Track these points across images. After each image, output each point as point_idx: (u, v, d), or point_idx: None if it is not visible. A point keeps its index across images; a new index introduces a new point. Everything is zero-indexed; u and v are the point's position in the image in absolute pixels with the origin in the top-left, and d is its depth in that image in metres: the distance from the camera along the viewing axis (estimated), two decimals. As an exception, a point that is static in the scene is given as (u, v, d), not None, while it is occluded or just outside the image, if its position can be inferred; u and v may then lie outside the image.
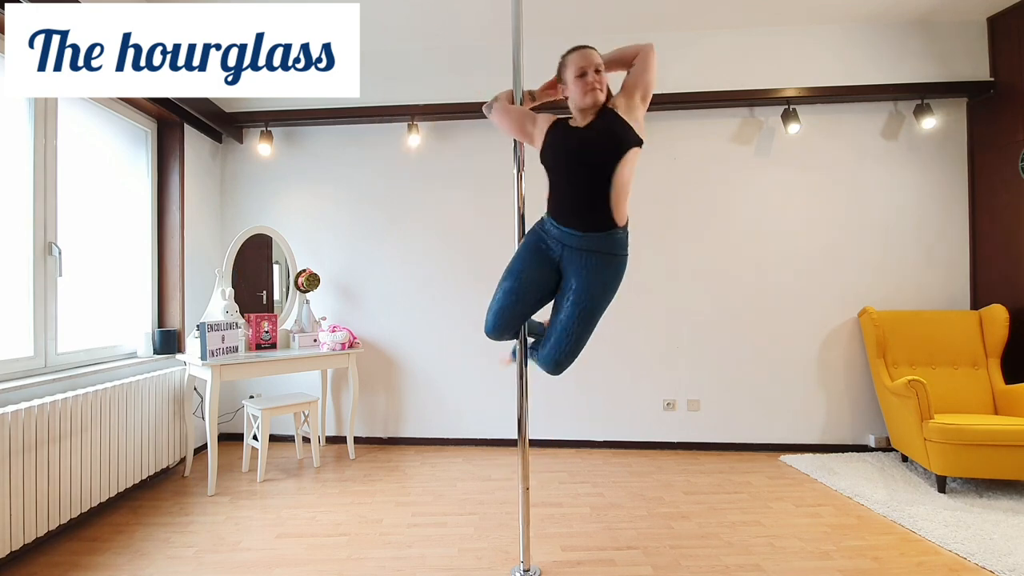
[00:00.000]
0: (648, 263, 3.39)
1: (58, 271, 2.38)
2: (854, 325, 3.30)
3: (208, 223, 3.47)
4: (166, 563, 2.00)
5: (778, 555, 2.02)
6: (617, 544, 2.12)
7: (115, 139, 2.89)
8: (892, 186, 3.30)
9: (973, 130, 3.25)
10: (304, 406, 3.02)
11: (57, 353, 2.40)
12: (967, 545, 2.05)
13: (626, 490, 2.70)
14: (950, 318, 3.10)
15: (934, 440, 2.55)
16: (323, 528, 2.28)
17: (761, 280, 3.35)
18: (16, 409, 1.92)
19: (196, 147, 3.32)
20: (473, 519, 2.37)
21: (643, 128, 1.67)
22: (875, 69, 3.26)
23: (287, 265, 3.44)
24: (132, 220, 3.01)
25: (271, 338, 3.16)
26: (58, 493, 2.09)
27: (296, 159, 3.58)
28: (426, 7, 3.05)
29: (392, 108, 3.38)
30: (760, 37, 3.32)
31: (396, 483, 2.82)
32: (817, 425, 3.31)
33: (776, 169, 3.35)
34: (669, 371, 3.39)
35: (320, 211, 3.57)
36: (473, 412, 3.48)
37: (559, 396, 3.40)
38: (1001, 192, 3.08)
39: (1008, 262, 3.04)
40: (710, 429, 3.36)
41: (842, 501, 2.53)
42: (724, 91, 3.25)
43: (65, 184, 2.47)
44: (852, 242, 3.31)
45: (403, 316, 3.52)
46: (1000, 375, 2.94)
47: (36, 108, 2.31)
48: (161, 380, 2.78)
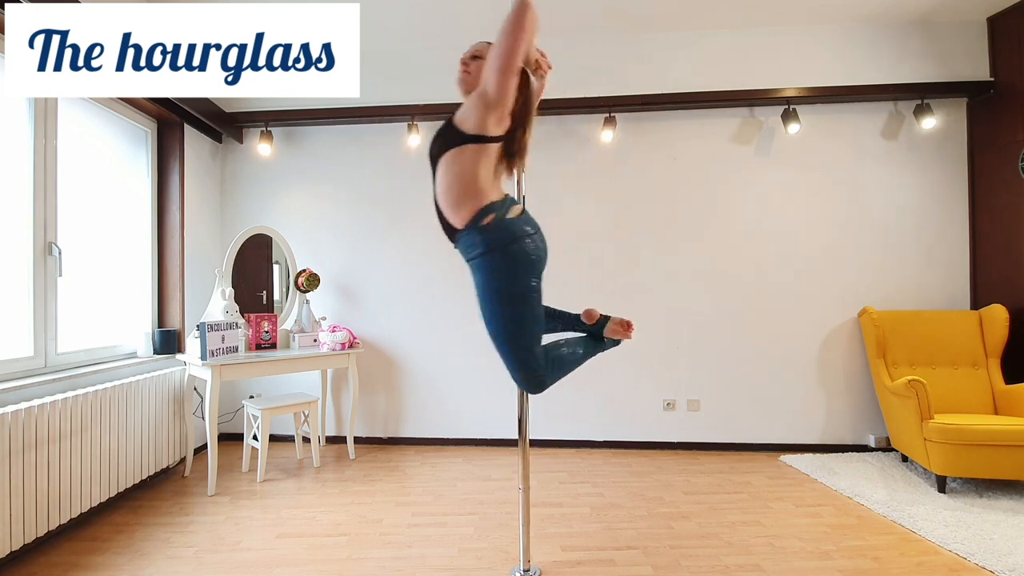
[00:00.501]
0: (648, 263, 3.40)
1: (58, 271, 2.38)
2: (854, 325, 3.30)
3: (208, 223, 3.47)
4: (166, 563, 2.00)
5: (778, 555, 2.02)
6: (617, 544, 2.12)
7: (115, 139, 2.89)
8: (892, 186, 3.30)
9: (973, 130, 3.25)
10: (304, 406, 3.02)
11: (57, 353, 2.40)
12: (967, 545, 2.04)
13: (626, 490, 2.70)
14: (950, 318, 3.10)
15: (934, 440, 2.55)
16: (323, 528, 2.28)
17: (761, 280, 3.35)
18: (16, 409, 1.92)
19: (196, 147, 3.32)
20: (473, 519, 2.37)
21: (479, 123, 1.48)
22: (875, 69, 3.26)
23: (287, 265, 3.44)
24: (132, 220, 3.01)
25: (271, 338, 3.16)
26: (58, 493, 2.09)
27: (296, 159, 3.58)
28: (426, 7, 3.05)
29: (392, 108, 3.38)
30: (760, 37, 3.32)
31: (396, 483, 2.82)
32: (817, 425, 3.31)
33: (776, 169, 3.35)
34: (669, 371, 3.39)
35: (320, 211, 3.57)
36: (473, 412, 3.48)
37: (559, 396, 3.39)
38: (1001, 192, 3.08)
39: (1008, 262, 3.04)
40: (710, 429, 3.36)
41: (842, 501, 2.53)
42: (724, 91, 3.25)
43: (65, 184, 2.47)
44: (852, 242, 3.31)
45: (403, 316, 3.53)
46: (1000, 375, 2.94)
47: (36, 108, 2.31)
48: (161, 380, 2.78)
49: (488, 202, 1.53)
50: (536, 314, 1.59)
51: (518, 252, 1.53)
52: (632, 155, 3.42)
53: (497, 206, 1.54)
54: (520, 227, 1.55)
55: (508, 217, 1.54)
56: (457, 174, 1.53)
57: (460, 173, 1.53)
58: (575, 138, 3.45)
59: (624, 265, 3.41)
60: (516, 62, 1.43)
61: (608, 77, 3.37)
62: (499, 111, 1.49)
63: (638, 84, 3.35)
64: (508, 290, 1.54)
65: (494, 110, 1.48)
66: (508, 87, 1.45)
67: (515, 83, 1.47)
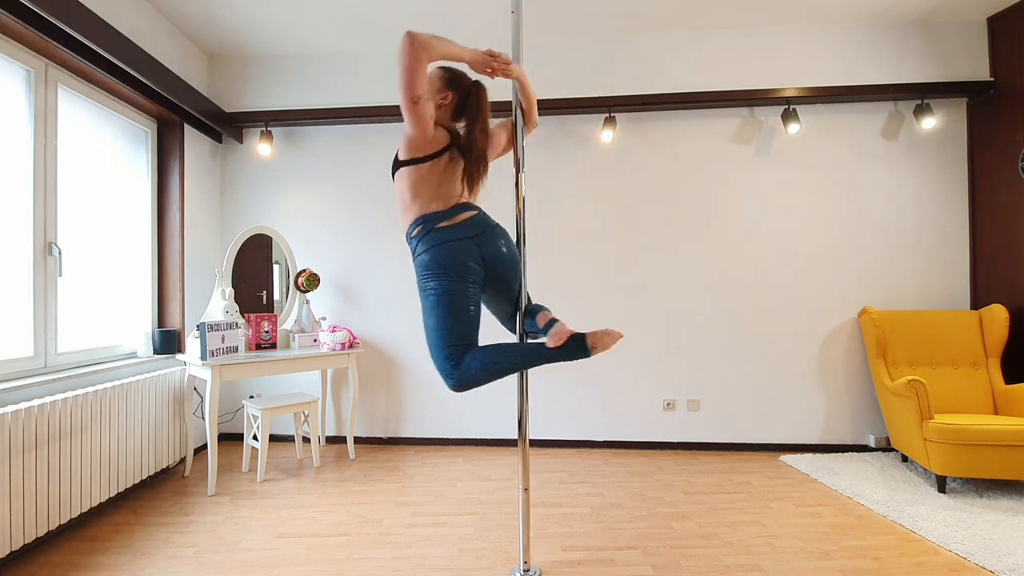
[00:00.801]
0: (648, 263, 3.40)
1: (58, 271, 2.39)
2: (854, 325, 3.30)
3: (208, 223, 3.47)
4: (166, 563, 2.00)
5: (778, 555, 2.02)
6: (617, 544, 2.12)
7: (115, 139, 2.89)
8: (892, 186, 3.30)
9: (973, 130, 3.25)
10: (304, 406, 3.02)
11: (57, 353, 2.40)
12: (967, 545, 2.05)
13: (626, 490, 2.70)
14: (950, 318, 3.10)
15: (934, 440, 2.55)
16: (323, 528, 2.28)
17: (761, 280, 3.35)
18: (16, 409, 1.92)
19: (196, 147, 3.32)
20: (473, 519, 2.37)
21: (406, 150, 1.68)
22: (875, 69, 3.26)
23: (287, 265, 3.45)
24: (132, 220, 3.01)
25: (271, 338, 3.16)
26: (58, 493, 2.09)
27: (296, 159, 3.58)
28: (426, 7, 3.05)
29: (393, 108, 3.37)
30: (760, 37, 3.33)
31: (396, 483, 2.82)
32: (817, 425, 3.32)
33: (776, 169, 3.35)
34: (669, 371, 3.39)
35: (320, 211, 3.57)
36: (473, 412, 3.48)
37: (559, 396, 3.40)
38: (1001, 192, 3.08)
39: (1008, 262, 3.04)
40: (710, 429, 3.36)
41: (842, 501, 2.53)
42: (724, 91, 3.25)
43: (65, 184, 2.47)
44: (852, 242, 3.31)
45: (403, 316, 3.52)
46: (1000, 375, 2.94)
47: (36, 108, 2.31)
48: (161, 380, 2.78)
49: (422, 214, 1.70)
50: (457, 318, 1.66)
51: (436, 257, 1.67)
52: (632, 155, 3.42)
53: (431, 216, 1.69)
54: (446, 235, 1.67)
55: (438, 227, 1.68)
56: (399, 194, 1.76)
57: (400, 193, 1.75)
58: (575, 138, 3.45)
59: (624, 265, 3.41)
60: (410, 92, 1.54)
61: (608, 77, 3.37)
62: (415, 137, 1.64)
63: (638, 84, 3.35)
64: (427, 289, 1.69)
65: (410, 138, 1.65)
66: (412, 116, 1.59)
67: (420, 111, 1.59)
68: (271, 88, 3.54)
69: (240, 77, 3.56)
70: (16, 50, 2.22)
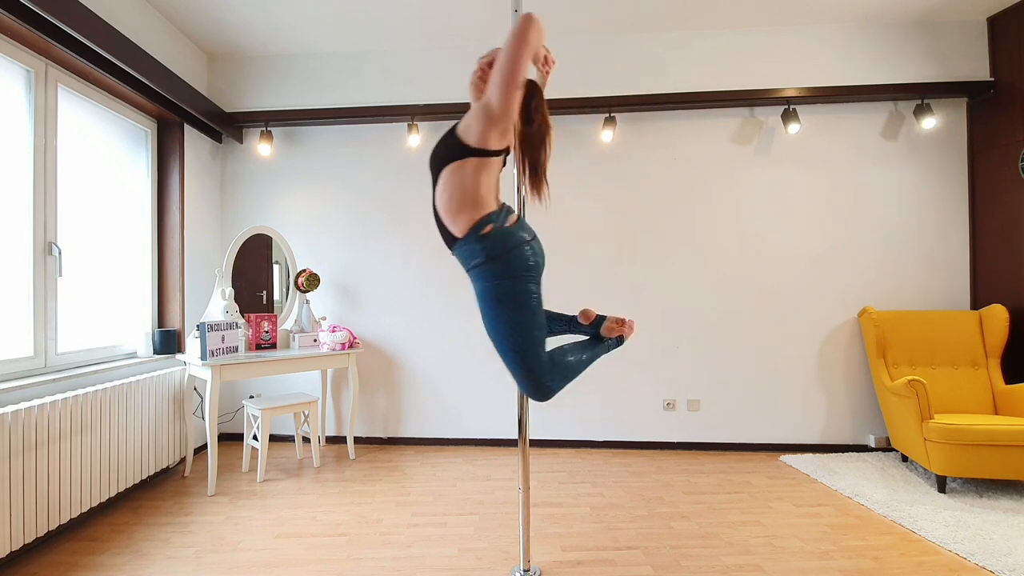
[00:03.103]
0: (648, 263, 3.40)
1: (58, 271, 2.39)
2: (854, 325, 3.30)
3: (208, 223, 3.47)
4: (166, 563, 2.00)
5: (778, 555, 2.02)
6: (617, 544, 2.12)
7: (115, 139, 2.89)
8: (892, 186, 3.30)
9: (973, 130, 3.25)
10: (304, 406, 3.02)
11: (57, 353, 2.40)
12: (967, 545, 2.05)
13: (626, 490, 2.70)
14: (950, 318, 3.10)
15: (934, 440, 2.55)
16: (323, 528, 2.28)
17: (761, 280, 3.35)
18: (16, 409, 1.92)
19: (196, 147, 3.32)
20: (473, 519, 2.37)
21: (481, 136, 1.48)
22: (875, 69, 3.26)
23: (287, 265, 3.44)
24: (132, 220, 3.01)
25: (271, 338, 3.16)
26: (58, 493, 2.09)
27: (296, 159, 3.58)
28: (426, 7, 3.05)
29: (392, 108, 3.38)
30: (760, 37, 3.33)
31: (396, 483, 2.82)
32: (817, 425, 3.31)
33: (776, 169, 3.35)
34: (669, 371, 3.39)
35: (320, 211, 3.57)
36: (473, 412, 3.48)
37: (559, 396, 3.38)
38: (1001, 192, 3.08)
39: (1008, 262, 3.04)
40: (710, 429, 3.36)
41: (842, 501, 2.53)
42: (724, 91, 3.25)
43: (65, 184, 2.47)
44: (852, 242, 3.31)
45: (403, 316, 3.52)
46: (1000, 375, 2.94)
47: (36, 108, 2.31)
48: (161, 380, 2.78)
49: (487, 212, 1.54)
50: (537, 320, 1.59)
51: (516, 259, 1.54)
52: (632, 155, 3.42)
53: (495, 216, 1.55)
54: (517, 235, 1.56)
55: (505, 226, 1.55)
56: (458, 186, 1.53)
57: (461, 185, 1.53)
58: (575, 138, 3.45)
59: (624, 265, 3.41)
60: (520, 77, 1.44)
61: (608, 77, 3.37)
62: (502, 125, 1.49)
63: (638, 84, 3.35)
64: (508, 297, 1.55)
65: (497, 124, 1.48)
66: (511, 102, 1.46)
67: (519, 97, 1.48)
68: (271, 88, 3.54)
69: (240, 77, 3.56)
70: (16, 50, 2.22)
